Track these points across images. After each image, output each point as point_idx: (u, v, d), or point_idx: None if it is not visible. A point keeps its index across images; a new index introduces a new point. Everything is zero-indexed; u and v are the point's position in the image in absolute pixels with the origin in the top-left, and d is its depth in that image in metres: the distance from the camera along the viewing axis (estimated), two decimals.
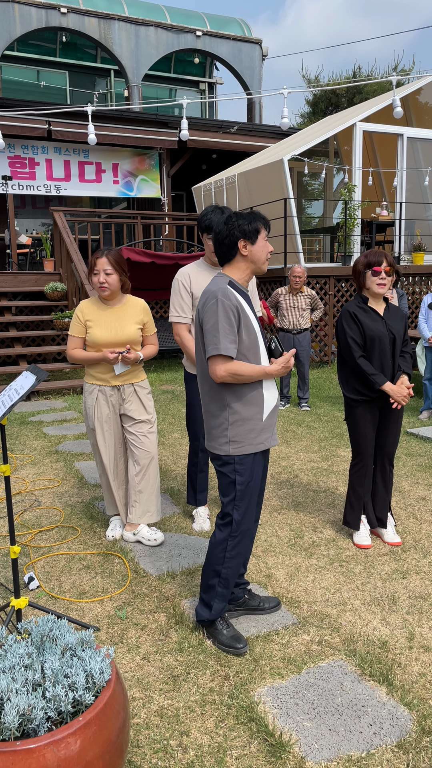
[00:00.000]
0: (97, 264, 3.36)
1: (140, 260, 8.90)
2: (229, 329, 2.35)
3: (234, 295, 2.39)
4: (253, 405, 2.45)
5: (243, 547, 2.52)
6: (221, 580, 2.51)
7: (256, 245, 2.43)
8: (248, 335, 2.42)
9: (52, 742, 1.49)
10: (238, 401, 2.43)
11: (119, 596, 2.97)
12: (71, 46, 17.71)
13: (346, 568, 3.22)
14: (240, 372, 2.36)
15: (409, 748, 1.98)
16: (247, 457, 2.45)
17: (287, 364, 2.46)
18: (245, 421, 2.44)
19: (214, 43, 17.39)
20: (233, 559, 2.51)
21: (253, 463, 2.48)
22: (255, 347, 2.44)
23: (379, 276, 3.28)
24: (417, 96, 11.83)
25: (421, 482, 4.52)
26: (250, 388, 2.44)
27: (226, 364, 2.36)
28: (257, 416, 2.46)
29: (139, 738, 2.05)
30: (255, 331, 2.45)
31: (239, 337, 2.40)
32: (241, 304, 2.40)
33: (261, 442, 2.48)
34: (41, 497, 4.37)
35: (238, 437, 2.44)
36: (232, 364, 2.36)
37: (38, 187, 12.95)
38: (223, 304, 2.35)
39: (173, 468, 4.99)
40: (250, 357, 2.43)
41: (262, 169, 10.59)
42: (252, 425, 2.45)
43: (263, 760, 1.95)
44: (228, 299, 2.35)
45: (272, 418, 2.53)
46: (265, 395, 2.48)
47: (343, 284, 10.11)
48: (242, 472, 2.45)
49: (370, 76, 22.05)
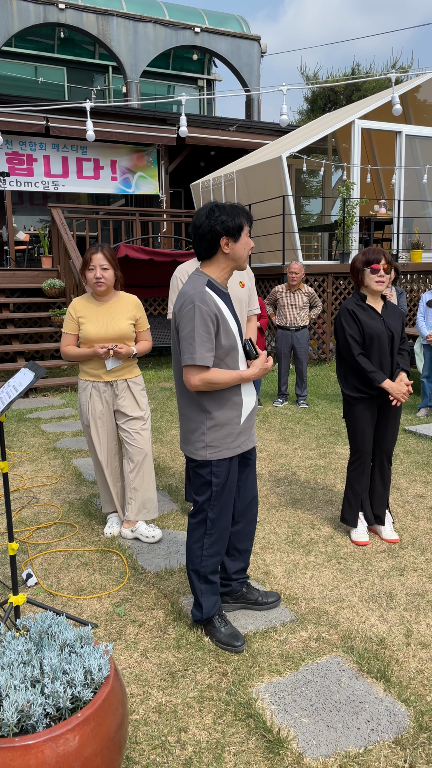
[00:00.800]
0: (93, 259, 3.35)
1: (138, 257, 8.89)
2: (206, 337, 2.27)
3: (212, 299, 2.30)
4: (231, 409, 2.41)
5: (220, 545, 2.51)
6: (200, 578, 2.52)
7: (239, 243, 2.33)
8: (227, 339, 2.35)
9: (50, 738, 1.49)
10: (217, 406, 2.38)
11: (117, 593, 2.97)
12: (69, 42, 17.66)
13: (344, 565, 3.23)
14: (215, 380, 2.30)
15: (407, 744, 1.99)
16: (223, 461, 2.43)
17: (264, 366, 2.41)
18: (223, 426, 2.40)
19: (213, 40, 17.35)
20: (211, 557, 2.50)
21: (230, 465, 2.45)
22: (234, 350, 2.38)
23: (377, 274, 3.28)
24: (415, 93, 11.82)
25: (419, 479, 4.53)
26: (229, 393, 2.39)
27: (201, 373, 2.30)
28: (235, 420, 2.42)
29: (138, 734, 2.05)
30: (234, 334, 2.38)
31: (217, 342, 2.33)
32: (219, 308, 2.31)
33: (238, 445, 2.45)
34: (39, 494, 4.37)
35: (215, 442, 2.40)
36: (208, 374, 2.30)
37: (36, 184, 12.92)
38: (201, 311, 2.25)
39: (171, 465, 4.99)
40: (228, 361, 2.37)
41: (261, 167, 10.58)
42: (230, 430, 2.42)
43: (261, 756, 1.95)
44: (206, 305, 2.26)
45: (250, 421, 2.49)
46: (243, 399, 2.44)
47: (341, 282, 10.11)
48: (218, 474, 2.43)
49: (369, 73, 22.03)
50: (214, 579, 2.54)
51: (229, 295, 2.45)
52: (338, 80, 19.53)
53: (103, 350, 3.33)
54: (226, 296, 2.42)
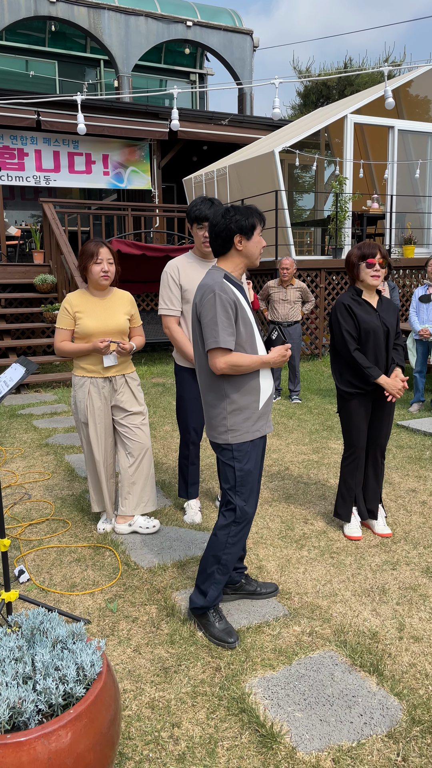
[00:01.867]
0: (101, 253, 3.36)
1: (131, 252, 8.86)
2: (227, 322, 2.41)
3: (231, 288, 2.44)
4: (250, 394, 2.51)
5: (245, 533, 2.58)
6: (220, 566, 2.55)
7: (252, 241, 2.47)
8: (245, 327, 2.47)
9: (42, 734, 1.48)
10: (236, 391, 2.49)
11: (110, 589, 2.96)
12: (60, 35, 17.53)
13: (337, 559, 3.23)
14: (239, 363, 2.42)
15: (400, 738, 1.99)
16: (244, 445, 2.51)
17: (285, 353, 2.52)
18: (242, 410, 2.50)
19: (205, 34, 17.27)
20: (235, 545, 2.55)
21: (251, 450, 2.53)
22: (252, 338, 2.49)
23: (373, 268, 3.27)
24: (408, 88, 11.82)
25: (411, 474, 4.54)
26: (248, 377, 2.49)
27: (226, 356, 2.41)
28: (254, 405, 2.52)
29: (131, 730, 2.05)
30: (251, 323, 2.50)
31: (237, 329, 2.45)
32: (238, 297, 2.45)
33: (257, 429, 2.54)
34: (31, 490, 4.35)
35: (235, 426, 2.50)
36: (231, 356, 2.41)
37: (27, 178, 12.84)
38: (221, 298, 2.39)
39: (164, 461, 4.98)
40: (248, 348, 2.48)
41: (253, 161, 10.55)
42: (249, 413, 2.51)
43: (254, 750, 1.95)
44: (225, 293, 2.40)
45: (268, 406, 2.59)
46: (261, 384, 2.53)
47: (333, 277, 10.11)
48: (240, 458, 2.51)
49: (362, 68, 21.99)
50: (230, 570, 2.57)
51: (243, 289, 2.57)
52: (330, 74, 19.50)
53: (104, 344, 3.31)
54: (242, 289, 2.54)
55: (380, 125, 10.91)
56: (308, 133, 9.99)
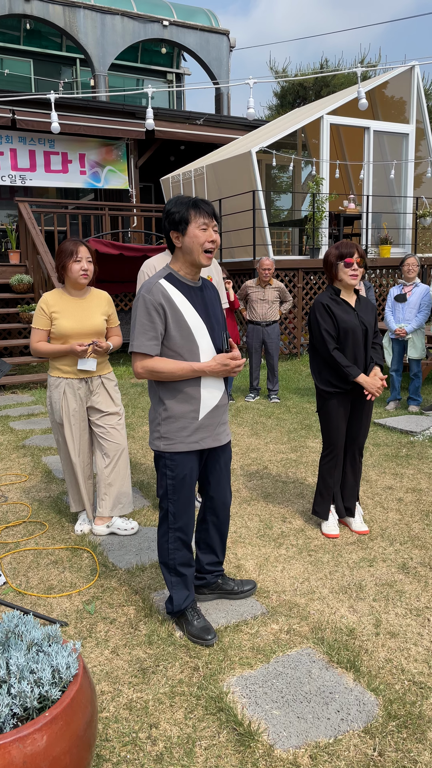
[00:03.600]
0: (80, 251, 3.33)
1: (108, 252, 8.81)
2: (148, 326, 2.28)
3: (162, 290, 2.29)
4: (187, 403, 2.38)
5: (185, 538, 2.53)
6: (170, 570, 2.54)
7: (187, 236, 2.28)
8: (179, 331, 2.31)
9: (17, 738, 1.47)
10: (171, 398, 2.38)
11: (88, 590, 2.95)
12: (35, 33, 17.36)
13: (315, 557, 3.25)
14: (157, 369, 2.29)
15: (376, 733, 2.01)
16: (178, 455, 2.41)
17: (224, 362, 2.34)
18: (177, 418, 2.38)
19: (181, 34, 17.25)
20: (177, 550, 2.52)
21: (186, 461, 2.43)
22: (190, 344, 2.33)
23: (351, 267, 3.30)
24: (383, 89, 11.93)
25: (388, 472, 4.58)
26: (182, 384, 2.36)
27: (144, 360, 2.30)
28: (191, 415, 2.39)
29: (108, 732, 2.04)
30: (189, 327, 2.32)
31: (168, 333, 2.31)
32: (170, 299, 2.29)
33: (195, 441, 2.41)
34: (8, 492, 4.31)
35: (169, 434, 2.39)
36: (149, 361, 2.30)
37: (2, 178, 12.70)
38: (145, 300, 2.27)
39: (143, 461, 4.97)
40: (185, 354, 2.34)
41: (231, 161, 10.57)
42: (184, 423, 2.39)
43: (232, 749, 1.95)
44: (151, 294, 2.27)
45: (212, 418, 2.44)
46: (202, 393, 2.39)
47: (311, 277, 10.16)
48: (173, 467, 2.42)
49: (338, 68, 22.15)
50: (184, 571, 2.55)
51: (198, 289, 2.41)
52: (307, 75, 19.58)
53: (82, 348, 3.28)
54: (191, 289, 2.38)
55: (356, 126, 11.00)
56: (285, 133, 10.03)
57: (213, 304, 2.47)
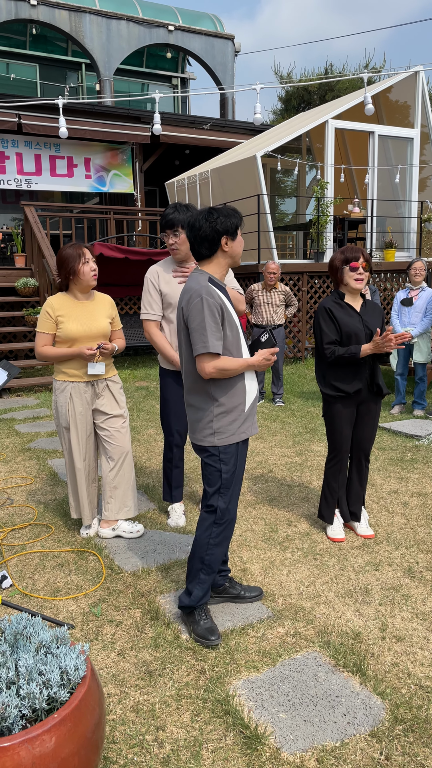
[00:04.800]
0: (86, 253, 3.37)
1: (113, 256, 8.84)
2: (215, 327, 2.42)
3: (216, 292, 2.46)
4: (237, 396, 2.53)
5: (227, 534, 2.60)
6: (204, 566, 2.58)
7: (236, 241, 2.51)
8: (231, 331, 2.50)
9: (26, 739, 1.48)
10: (223, 394, 2.51)
11: (94, 593, 2.95)
12: (41, 38, 17.46)
13: (320, 561, 3.25)
14: (227, 367, 2.45)
15: (383, 737, 2.01)
16: (230, 447, 2.54)
17: (270, 357, 2.54)
18: (229, 412, 2.52)
19: (187, 38, 17.31)
20: (217, 546, 2.57)
21: (236, 452, 2.56)
22: (237, 342, 2.53)
23: (356, 272, 3.31)
24: (388, 94, 11.95)
25: (393, 476, 4.58)
26: (234, 380, 2.52)
27: (214, 361, 2.43)
28: (240, 407, 2.54)
29: (115, 734, 2.05)
30: (237, 326, 2.53)
31: (224, 333, 2.48)
32: (223, 301, 2.48)
33: (243, 431, 2.57)
34: (14, 495, 4.32)
35: (222, 428, 2.52)
36: (220, 361, 2.43)
37: (8, 182, 12.76)
38: (208, 303, 2.41)
39: (148, 464, 4.98)
40: (234, 351, 2.51)
41: (235, 165, 10.59)
42: (235, 416, 2.53)
43: (239, 752, 1.96)
44: (212, 297, 2.42)
45: (253, 407, 2.62)
46: (247, 386, 2.56)
47: (316, 281, 10.17)
48: (227, 461, 2.53)
49: (342, 73, 22.19)
50: (215, 569, 2.59)
51: (227, 292, 2.58)
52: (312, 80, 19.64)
53: (91, 351, 3.31)
54: (225, 292, 2.56)
55: (361, 130, 11.02)
56: (290, 137, 10.06)
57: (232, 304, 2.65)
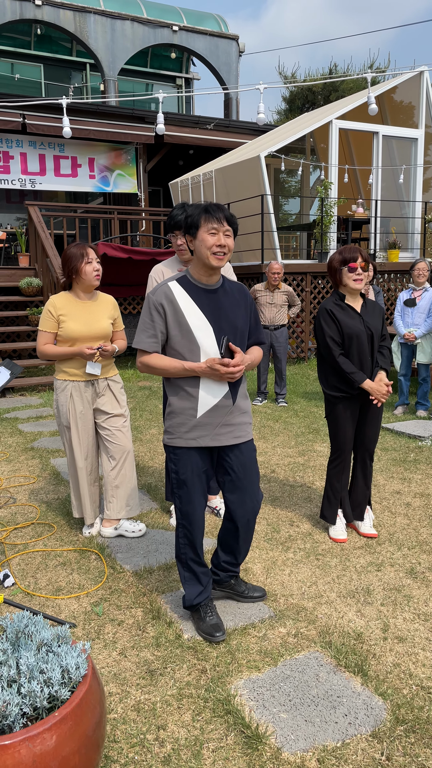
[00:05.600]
0: (89, 252, 3.38)
1: (117, 255, 8.85)
2: (148, 324, 2.43)
3: (167, 291, 2.41)
4: (186, 400, 2.48)
5: (194, 535, 2.56)
6: (183, 564, 2.62)
7: (197, 239, 2.37)
8: (180, 331, 2.41)
9: (27, 737, 1.48)
10: (173, 394, 2.53)
11: (96, 592, 2.96)
12: (46, 38, 17.49)
13: (322, 561, 3.25)
14: (152, 365, 2.45)
15: (384, 737, 2.01)
16: (179, 450, 2.52)
17: (213, 366, 2.36)
18: (177, 414, 2.51)
19: (191, 39, 17.32)
20: (187, 545, 2.58)
21: (187, 457, 2.50)
22: (191, 344, 2.41)
23: (355, 272, 3.29)
24: (392, 94, 11.93)
25: (396, 476, 4.57)
26: (184, 382, 2.47)
27: (142, 356, 2.48)
28: (189, 412, 2.48)
29: (116, 733, 2.05)
30: (190, 328, 2.39)
31: (169, 332, 2.43)
32: (173, 300, 2.39)
33: (193, 438, 2.49)
34: (16, 494, 4.33)
35: (171, 428, 2.53)
36: (146, 357, 2.46)
37: (13, 181, 12.79)
38: (148, 300, 2.44)
39: (150, 464, 4.98)
40: (185, 353, 2.43)
41: (239, 166, 10.59)
42: (183, 420, 2.49)
43: (240, 752, 1.96)
44: (154, 295, 2.43)
45: (213, 417, 2.48)
46: (200, 393, 2.45)
47: (319, 281, 10.17)
48: (176, 462, 2.53)
49: (346, 73, 22.17)
50: (195, 568, 2.59)
51: (211, 291, 2.46)
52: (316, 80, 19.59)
53: (91, 351, 3.31)
54: (203, 292, 2.44)
55: (365, 131, 11.01)
56: (294, 138, 10.05)
57: (230, 309, 2.49)
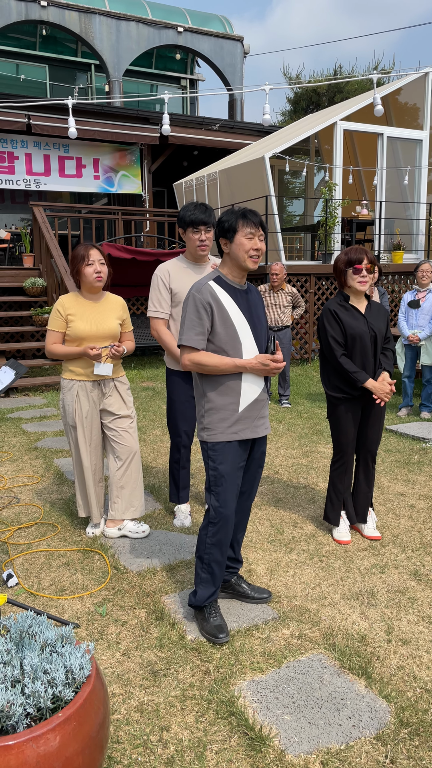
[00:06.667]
0: (92, 255, 3.37)
1: (121, 256, 8.86)
2: (196, 321, 2.47)
3: (211, 290, 2.49)
4: (227, 395, 2.53)
5: (223, 534, 2.57)
6: (204, 565, 2.60)
7: (234, 243, 2.49)
8: (225, 329, 2.49)
9: (31, 738, 1.48)
10: (212, 390, 2.53)
11: (99, 593, 2.96)
12: (51, 39, 17.53)
13: (326, 563, 3.24)
14: (204, 363, 2.47)
15: (388, 740, 2.00)
16: (219, 445, 2.53)
17: (265, 361, 2.49)
18: (218, 410, 2.53)
19: (196, 40, 17.33)
20: (215, 546, 2.57)
21: (228, 451, 2.54)
22: (234, 341, 2.50)
23: (360, 274, 3.28)
24: (397, 96, 11.92)
25: (400, 478, 4.56)
26: (225, 378, 2.52)
27: (190, 354, 2.49)
28: (232, 406, 2.53)
29: (120, 734, 2.05)
30: (234, 325, 2.50)
31: (214, 330, 2.48)
32: (217, 299, 2.48)
33: (235, 432, 2.54)
34: (20, 494, 4.33)
35: (211, 425, 2.54)
36: (195, 355, 2.47)
37: (17, 182, 12.82)
38: (194, 299, 2.48)
39: (154, 465, 4.98)
40: (229, 350, 2.51)
41: (244, 167, 10.59)
42: (225, 414, 2.53)
43: (243, 753, 1.95)
44: (200, 293, 2.48)
45: (252, 410, 2.58)
46: (243, 387, 2.54)
47: (323, 282, 10.16)
48: (215, 458, 2.54)
49: (351, 75, 22.16)
50: (216, 570, 2.59)
51: (244, 292, 2.58)
52: (320, 81, 19.58)
53: (95, 352, 3.31)
54: (239, 292, 2.56)
55: (369, 132, 11.00)
56: (298, 139, 10.05)
57: (257, 307, 2.64)
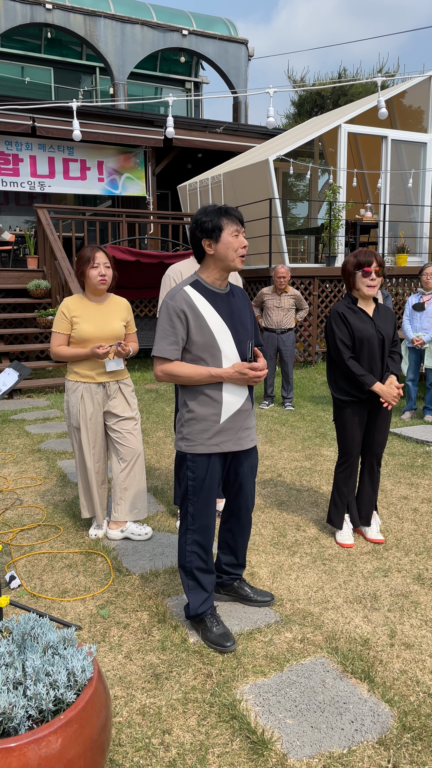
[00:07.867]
0: (97, 257, 3.37)
1: (125, 258, 8.87)
2: (169, 331, 2.36)
3: (185, 296, 2.37)
4: (209, 406, 2.43)
5: (203, 542, 2.53)
6: (187, 573, 2.56)
7: (220, 243, 2.36)
8: (203, 336, 2.37)
9: (32, 740, 1.48)
10: (192, 400, 2.45)
11: (102, 595, 2.95)
12: (56, 42, 17.59)
13: (329, 566, 3.24)
14: (176, 373, 2.38)
15: (390, 745, 1.99)
16: (199, 457, 2.45)
17: (242, 371, 2.38)
18: (199, 420, 2.44)
19: (200, 43, 17.37)
20: (194, 553, 2.54)
21: (207, 463, 2.46)
22: (213, 349, 2.39)
23: (369, 277, 3.27)
24: (401, 99, 11.92)
25: (403, 481, 4.55)
26: (204, 388, 2.42)
27: (163, 365, 2.40)
28: (213, 418, 2.44)
29: (121, 736, 2.04)
30: (212, 332, 2.39)
31: (190, 338, 2.38)
32: (193, 305, 2.36)
33: (216, 444, 2.45)
34: (23, 496, 4.34)
35: (190, 435, 2.46)
36: (168, 366, 2.38)
37: (22, 184, 12.86)
38: (167, 306, 2.37)
39: (157, 467, 4.98)
40: (207, 358, 2.40)
41: (248, 169, 10.60)
42: (206, 426, 2.44)
43: (245, 757, 1.95)
44: (173, 301, 2.36)
45: (235, 422, 2.48)
46: (224, 397, 2.44)
47: (327, 285, 10.15)
48: (194, 469, 2.47)
49: (356, 78, 22.17)
50: (200, 576, 2.56)
51: (225, 295, 2.46)
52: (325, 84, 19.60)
53: (103, 350, 3.31)
54: (219, 296, 2.44)
55: (374, 135, 11.00)
56: (302, 142, 10.06)
57: (241, 312, 2.50)
